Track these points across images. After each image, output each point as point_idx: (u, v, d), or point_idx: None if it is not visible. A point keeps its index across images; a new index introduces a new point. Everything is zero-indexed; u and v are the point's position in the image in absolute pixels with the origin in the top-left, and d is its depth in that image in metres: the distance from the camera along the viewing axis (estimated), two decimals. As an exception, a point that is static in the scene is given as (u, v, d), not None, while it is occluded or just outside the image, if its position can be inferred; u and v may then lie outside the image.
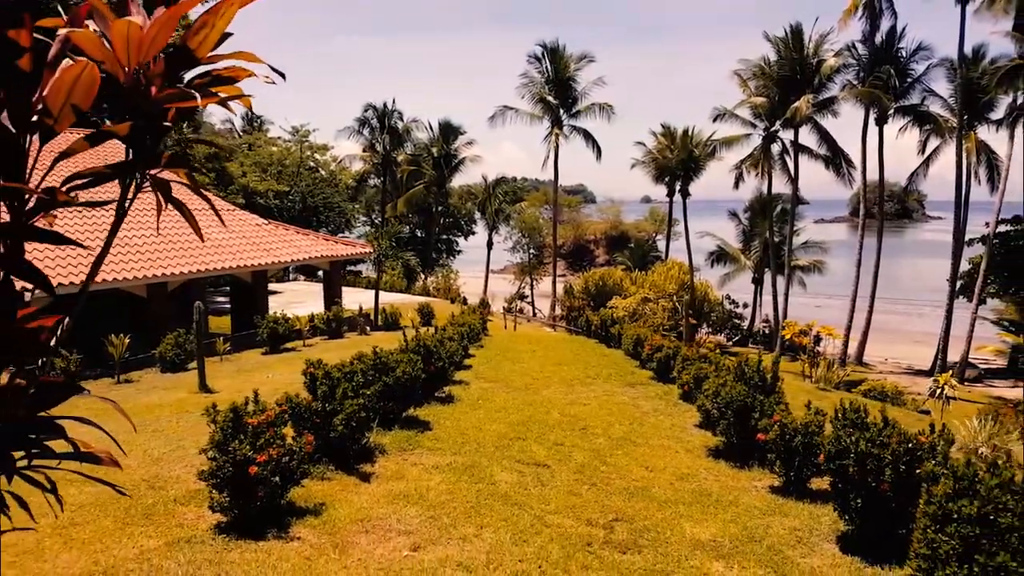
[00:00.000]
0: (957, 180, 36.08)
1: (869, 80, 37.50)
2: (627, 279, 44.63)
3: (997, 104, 37.90)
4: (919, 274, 74.83)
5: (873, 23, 37.73)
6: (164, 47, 2.65)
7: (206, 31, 2.71)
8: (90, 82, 2.42)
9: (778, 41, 37.97)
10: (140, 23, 2.56)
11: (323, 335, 23.57)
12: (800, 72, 37.45)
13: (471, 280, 56.36)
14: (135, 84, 2.65)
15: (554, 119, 44.98)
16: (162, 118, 2.85)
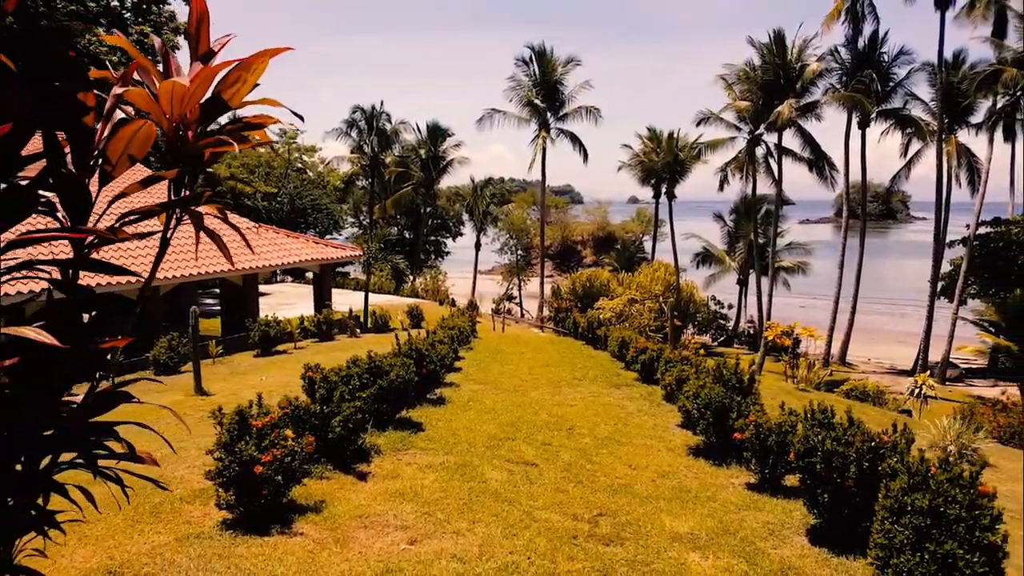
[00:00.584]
0: (938, 183, 36.80)
1: (852, 84, 38.17)
2: (614, 280, 45.14)
3: (977, 108, 38.55)
4: (903, 274, 75.82)
5: (856, 27, 38.38)
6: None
7: (239, 85, 3.14)
8: (146, 137, 2.85)
9: (762, 46, 38.59)
10: (184, 83, 2.99)
11: (314, 337, 23.89)
12: (783, 77, 38.08)
13: (459, 281, 56.73)
14: (176, 132, 3.08)
15: (541, 122, 45.41)
16: (200, 160, 3.29)
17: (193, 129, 3.21)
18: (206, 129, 3.26)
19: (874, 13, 38.11)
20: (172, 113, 3.06)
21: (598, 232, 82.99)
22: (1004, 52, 34.20)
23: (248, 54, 3.00)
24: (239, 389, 13.87)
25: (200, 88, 3.05)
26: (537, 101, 45.10)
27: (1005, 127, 37.08)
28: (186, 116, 3.14)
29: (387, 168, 52.66)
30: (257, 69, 3.21)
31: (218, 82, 3.11)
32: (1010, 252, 40.18)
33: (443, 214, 63.76)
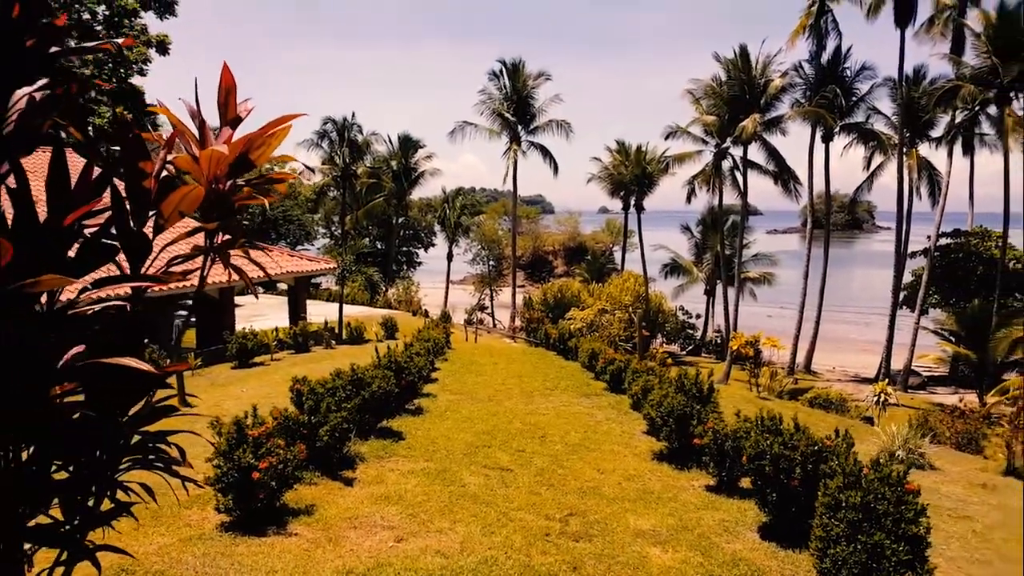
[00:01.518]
0: (899, 195, 38.16)
1: (816, 99, 39.46)
2: (584, 291, 45.90)
3: (937, 123, 39.84)
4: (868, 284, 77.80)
5: (819, 44, 39.68)
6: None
7: (264, 148, 3.78)
8: (195, 198, 3.46)
9: (728, 62, 39.80)
10: (223, 150, 3.62)
11: (290, 349, 24.25)
12: (748, 92, 39.30)
13: (432, 291, 57.18)
14: (212, 189, 3.70)
15: (512, 135, 46.20)
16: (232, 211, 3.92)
17: (224, 184, 3.84)
18: (236, 184, 3.90)
19: (837, 29, 39.49)
20: (209, 173, 3.69)
21: (569, 242, 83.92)
22: (962, 69, 35.60)
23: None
24: (221, 400, 14.28)
25: (233, 153, 3.69)
26: (508, 114, 45.89)
27: (964, 141, 38.42)
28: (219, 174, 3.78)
29: (359, 179, 52.99)
30: (279, 135, 3.86)
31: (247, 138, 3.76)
32: (969, 263, 41.78)
33: (415, 225, 64.19)
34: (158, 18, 34.22)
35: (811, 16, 38.48)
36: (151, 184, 3.46)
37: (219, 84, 4.00)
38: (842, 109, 39.88)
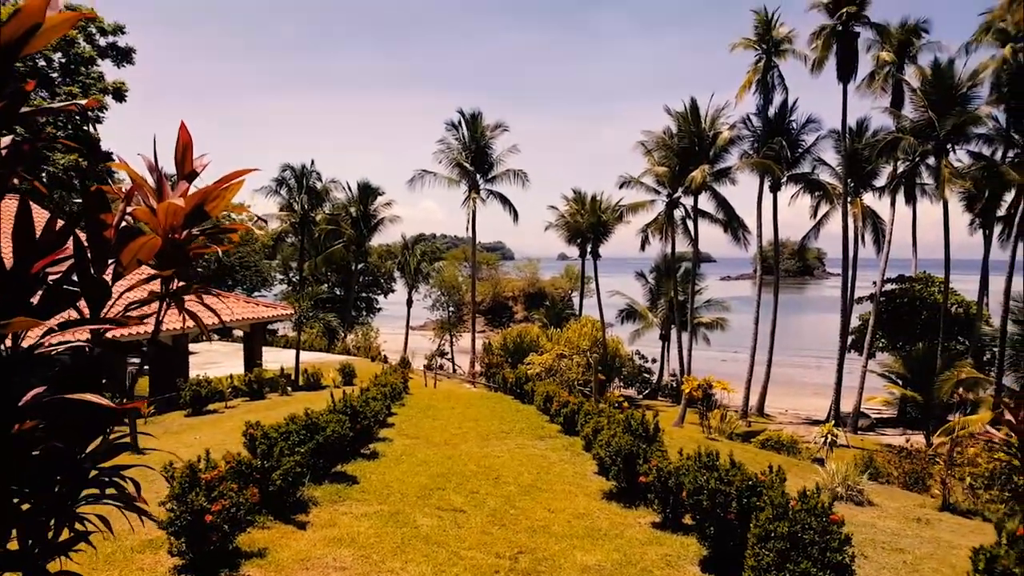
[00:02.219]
0: (844, 242, 39.63)
1: (763, 150, 41.03)
2: (543, 336, 46.30)
3: (880, 173, 41.72)
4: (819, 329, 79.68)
5: (766, 97, 41.47)
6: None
7: (218, 200, 4.09)
8: (152, 247, 3.74)
9: (678, 115, 41.31)
10: (179, 203, 3.91)
11: (245, 397, 24.04)
12: (698, 144, 40.75)
13: (391, 337, 57.00)
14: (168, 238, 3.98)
15: (471, 183, 46.95)
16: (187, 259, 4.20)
17: (180, 234, 4.13)
18: (191, 233, 4.19)
19: (783, 84, 41.35)
20: (166, 224, 3.98)
21: (528, 288, 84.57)
22: (902, 121, 37.48)
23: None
24: (174, 448, 14.17)
25: (190, 205, 4.00)
26: (467, 163, 46.69)
27: (906, 190, 40.15)
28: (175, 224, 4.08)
29: (317, 226, 53.09)
30: (233, 188, 4.18)
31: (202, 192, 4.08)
32: (914, 307, 43.27)
33: (375, 271, 64.24)
34: (115, 66, 34.31)
35: (758, 71, 40.28)
36: (111, 234, 3.74)
37: (177, 141, 4.33)
38: (789, 160, 41.49)
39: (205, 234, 4.41)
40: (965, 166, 37.26)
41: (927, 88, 35.40)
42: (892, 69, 39.12)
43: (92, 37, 33.89)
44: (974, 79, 35.68)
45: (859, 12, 36.56)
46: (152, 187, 4.18)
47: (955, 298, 41.83)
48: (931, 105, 35.03)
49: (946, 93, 34.86)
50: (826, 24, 37.26)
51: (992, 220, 38.06)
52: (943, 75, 35.21)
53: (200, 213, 4.23)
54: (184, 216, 4.15)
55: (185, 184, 4.28)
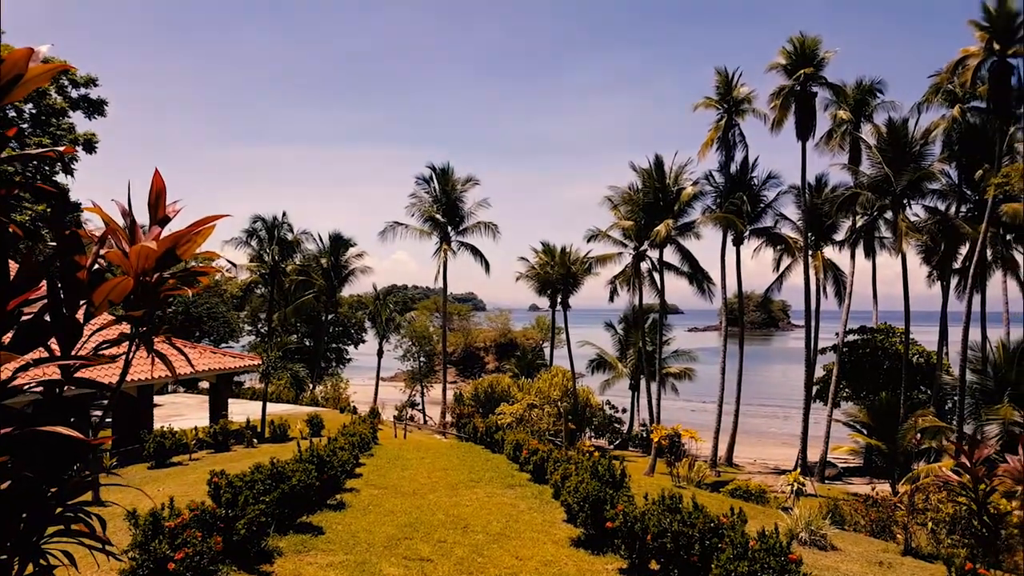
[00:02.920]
0: (806, 294, 40.47)
1: (726, 205, 42.08)
2: (514, 386, 46.25)
3: (840, 226, 42.95)
4: (785, 379, 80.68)
5: (728, 155, 42.70)
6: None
7: (190, 244, 4.25)
8: (124, 289, 3.87)
9: (643, 171, 42.37)
10: (152, 246, 4.06)
11: (210, 448, 23.63)
12: (663, 199, 41.73)
13: (361, 388, 56.49)
14: (140, 280, 4.12)
15: (443, 235, 47.34)
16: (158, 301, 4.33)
17: (151, 276, 4.27)
18: (162, 276, 4.33)
19: (743, 141, 42.64)
20: (138, 266, 4.13)
21: (500, 339, 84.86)
22: (860, 177, 38.70)
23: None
24: (137, 500, 13.88)
25: (162, 249, 4.15)
26: (438, 216, 47.15)
27: (865, 244, 41.29)
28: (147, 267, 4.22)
29: (288, 276, 52.85)
30: (205, 232, 4.35)
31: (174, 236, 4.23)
32: (876, 358, 44.05)
33: (345, 321, 63.92)
34: (86, 118, 34.38)
35: (719, 130, 41.58)
36: (84, 276, 3.87)
37: (151, 186, 4.51)
38: (751, 215, 42.56)
39: (176, 277, 4.55)
40: (922, 220, 38.54)
41: (883, 145, 36.75)
42: (849, 127, 40.63)
43: (64, 89, 34.03)
44: (927, 137, 37.16)
45: (816, 73, 38.10)
46: (125, 231, 4.33)
47: (916, 348, 42.72)
48: (887, 162, 36.32)
49: (901, 150, 36.21)
50: (785, 85, 38.74)
51: (949, 272, 39.22)
52: (898, 133, 36.62)
53: (172, 256, 4.38)
54: (156, 259, 4.30)
55: (157, 228, 4.44)
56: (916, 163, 36.42)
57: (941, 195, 38.61)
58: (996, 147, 33.73)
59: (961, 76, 34.38)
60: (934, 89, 38.08)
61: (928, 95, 38.35)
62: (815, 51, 38.16)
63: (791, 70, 38.45)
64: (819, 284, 42.10)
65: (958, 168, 37.91)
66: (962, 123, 36.34)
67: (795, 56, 38.25)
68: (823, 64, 38.33)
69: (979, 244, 34.14)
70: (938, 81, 37.78)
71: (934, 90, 38.12)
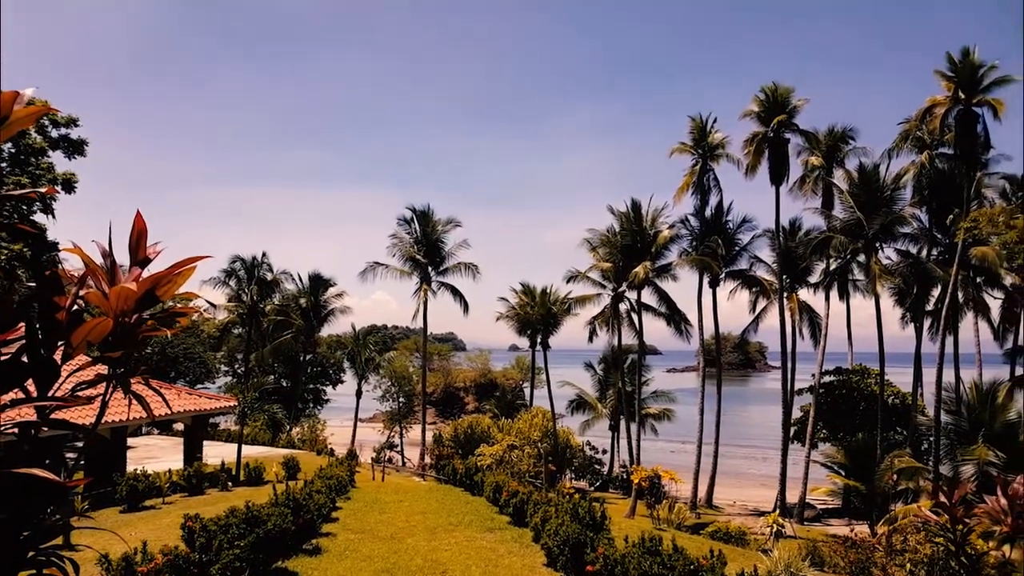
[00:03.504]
0: (782, 336, 40.85)
1: (701, 248, 42.62)
2: (494, 427, 45.94)
3: (814, 269, 43.49)
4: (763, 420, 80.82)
5: (703, 199, 43.38)
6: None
7: (170, 285, 4.28)
8: (103, 330, 3.88)
9: (621, 215, 42.92)
10: (132, 287, 4.09)
11: (184, 492, 23.16)
12: (640, 241, 42.21)
13: (339, 430, 55.76)
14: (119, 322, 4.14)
15: (423, 276, 47.42)
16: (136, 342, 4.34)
17: (130, 317, 4.29)
18: (141, 317, 4.35)
19: (718, 186, 43.38)
20: (117, 307, 4.15)
21: (480, 379, 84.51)
22: (833, 221, 39.45)
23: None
24: (109, 544, 13.55)
25: (142, 290, 4.18)
26: (419, 256, 47.28)
27: (839, 286, 41.82)
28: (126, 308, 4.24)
29: (266, 316, 52.39)
30: (185, 273, 4.39)
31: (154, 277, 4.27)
32: (852, 399, 44.36)
33: (323, 362, 63.33)
34: (66, 158, 34.29)
35: (695, 174, 42.32)
36: (63, 316, 3.88)
37: (132, 227, 4.55)
38: (726, 257, 43.11)
39: (155, 318, 4.56)
40: (894, 263, 39.26)
41: (855, 190, 37.57)
42: (821, 172, 41.53)
43: (44, 128, 33.98)
44: (897, 182, 38.07)
45: (789, 120, 39.03)
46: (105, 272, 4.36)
47: (891, 389, 43.12)
48: (859, 206, 37.09)
49: (873, 195, 37.03)
50: (758, 131, 39.61)
51: (922, 314, 39.84)
52: (869, 178, 37.49)
53: (151, 298, 4.40)
54: (135, 300, 4.32)
55: (138, 270, 4.47)
56: (888, 207, 37.23)
57: (913, 238, 39.38)
58: (964, 192, 34.64)
59: (929, 124, 35.38)
60: (903, 136, 39.11)
61: (898, 141, 39.37)
62: (788, 99, 39.16)
63: (764, 117, 39.36)
64: (795, 326, 42.53)
65: (928, 212, 38.77)
66: (931, 169, 37.29)
67: (768, 104, 39.21)
68: (795, 112, 39.30)
69: (950, 287, 34.78)
70: (907, 128, 38.83)
71: (903, 136, 39.15)
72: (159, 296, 4.46)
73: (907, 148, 39.36)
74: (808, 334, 44.44)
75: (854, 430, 42.26)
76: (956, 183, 36.17)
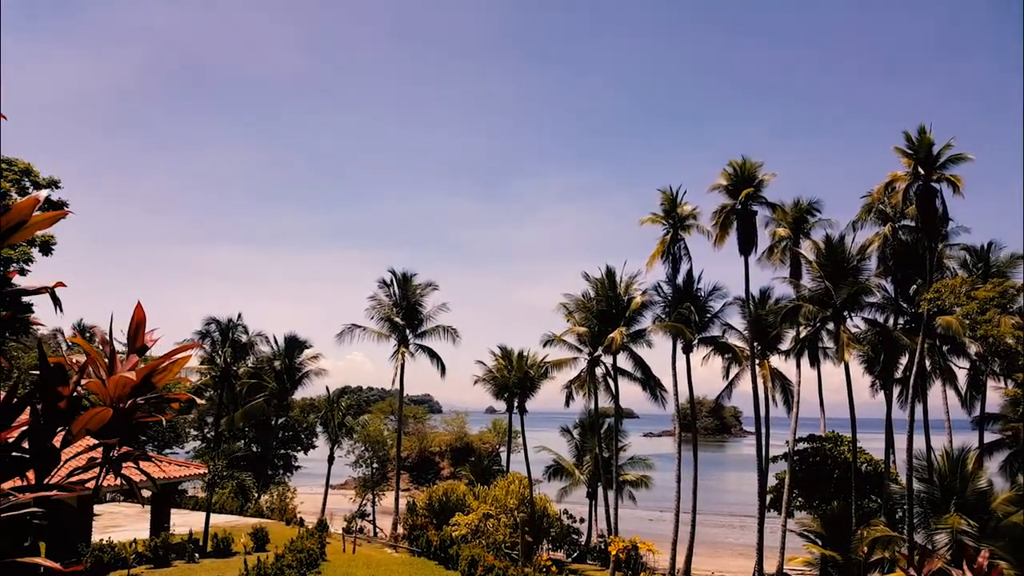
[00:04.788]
0: (755, 405, 41.22)
1: (674, 315, 43.20)
2: (470, 495, 45.32)
3: (785, 337, 44.18)
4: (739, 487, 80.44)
5: (674, 267, 44.15)
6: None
7: (165, 373, 4.54)
8: (102, 419, 4.11)
9: (595, 281, 43.68)
10: (131, 377, 4.34)
11: (149, 564, 22.57)
12: (615, 307, 42.84)
13: (309, 497, 54.64)
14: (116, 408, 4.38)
15: (401, 338, 47.49)
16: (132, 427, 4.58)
17: (126, 404, 4.53)
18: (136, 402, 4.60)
19: (688, 255, 44.25)
20: (115, 395, 4.39)
21: (456, 443, 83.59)
22: (802, 290, 40.30)
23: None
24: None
25: (139, 378, 4.44)
26: (397, 319, 47.45)
27: (810, 354, 42.44)
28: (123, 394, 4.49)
29: (239, 379, 51.77)
30: (180, 362, 4.66)
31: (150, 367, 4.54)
32: (826, 466, 44.55)
33: (296, 426, 62.40)
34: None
35: (666, 243, 43.25)
36: (64, 405, 4.11)
37: (132, 317, 4.84)
38: (698, 324, 43.73)
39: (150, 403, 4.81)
40: (862, 331, 40.05)
41: (822, 260, 38.59)
42: (789, 243, 42.66)
43: (25, 191, 33.93)
44: (863, 253, 39.18)
45: (756, 193, 40.29)
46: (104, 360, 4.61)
47: (864, 456, 43.40)
48: (826, 276, 38.03)
49: (839, 266, 38.05)
50: (727, 204, 40.77)
51: (891, 382, 40.50)
52: (835, 249, 38.58)
53: (148, 385, 4.67)
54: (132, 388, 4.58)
55: (135, 357, 4.75)
56: (854, 277, 38.21)
57: (880, 307, 40.32)
58: (927, 264, 35.74)
59: (891, 198, 36.67)
60: (867, 208, 40.39)
61: (861, 214, 40.64)
62: (755, 173, 40.51)
63: (732, 190, 40.59)
64: (767, 393, 42.97)
65: (894, 282, 39.82)
66: (894, 240, 38.50)
67: (736, 178, 40.52)
68: (763, 185, 40.59)
69: (917, 355, 35.52)
70: (870, 201, 40.12)
71: (867, 209, 40.43)
72: (155, 383, 4.74)
73: (871, 220, 40.62)
74: (781, 400, 44.84)
75: (829, 498, 42.27)
76: (919, 254, 37.30)
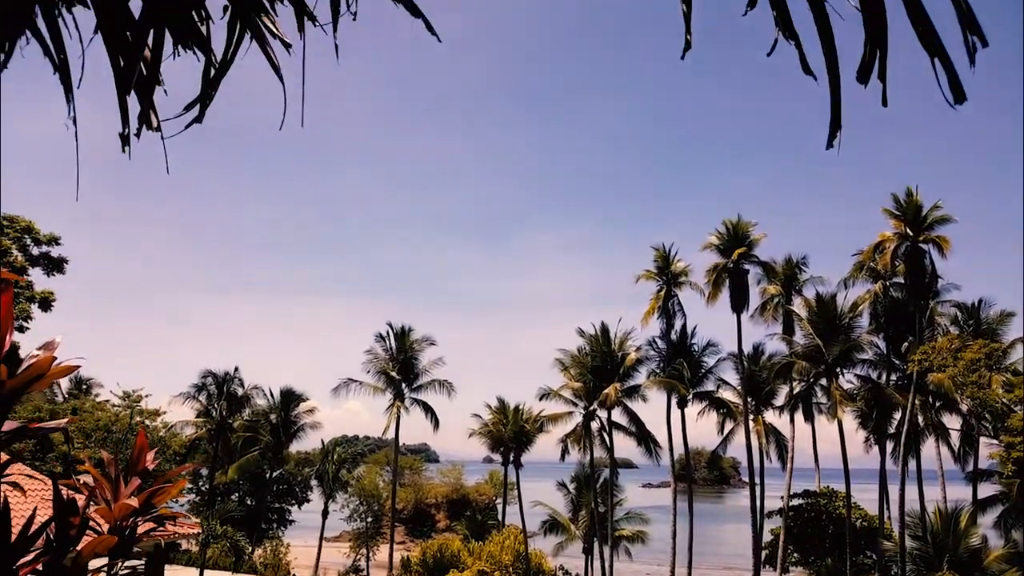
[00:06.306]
0: (749, 460, 41.48)
1: (668, 370, 43.71)
2: (464, 551, 45.17)
3: (778, 392, 44.62)
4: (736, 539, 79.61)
5: (668, 323, 44.92)
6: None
7: (164, 495, 5.04)
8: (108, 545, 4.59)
9: (590, 337, 44.24)
10: (133, 503, 4.85)
11: (140, 626, 22.57)
12: (609, 363, 43.30)
13: (303, 551, 54.08)
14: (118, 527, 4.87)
15: (396, 392, 47.73)
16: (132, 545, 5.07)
17: (129, 522, 5.03)
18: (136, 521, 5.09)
19: (682, 311, 45.04)
20: (118, 516, 4.90)
21: (452, 495, 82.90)
22: (795, 347, 40.89)
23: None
24: None
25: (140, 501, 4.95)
26: (393, 373, 47.77)
27: (804, 409, 42.94)
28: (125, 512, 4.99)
29: (234, 433, 51.71)
30: (179, 484, 5.17)
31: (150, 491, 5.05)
32: (820, 521, 44.54)
33: (290, 479, 62.13)
34: (45, 274, 34.59)
35: (660, 300, 44.03)
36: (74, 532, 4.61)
37: (135, 444, 5.37)
38: (692, 380, 44.20)
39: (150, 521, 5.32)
40: (855, 387, 40.50)
41: (813, 318, 39.20)
42: (781, 300, 43.39)
43: (26, 247, 34.35)
44: (854, 311, 39.82)
45: (748, 252, 41.14)
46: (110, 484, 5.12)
47: (858, 512, 43.39)
48: (818, 333, 38.58)
49: (831, 323, 38.63)
50: (719, 263, 41.62)
51: (884, 437, 40.77)
52: (826, 307, 39.21)
53: (148, 508, 5.19)
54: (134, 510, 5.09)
55: (137, 480, 5.27)
56: (846, 334, 38.75)
57: (872, 364, 40.87)
58: (916, 322, 36.37)
59: (881, 258, 37.49)
60: (858, 267, 41.21)
61: (852, 272, 41.45)
62: (747, 233, 41.43)
63: (724, 250, 41.48)
64: (762, 448, 43.19)
65: (885, 339, 40.43)
66: (885, 299, 39.21)
67: (728, 237, 41.44)
68: (754, 245, 41.48)
69: (909, 412, 35.90)
70: (860, 259, 40.98)
71: (858, 267, 41.25)
72: (154, 504, 5.26)
73: (862, 278, 41.41)
74: (775, 456, 45.03)
75: (824, 553, 42.16)
76: (910, 311, 37.99)
